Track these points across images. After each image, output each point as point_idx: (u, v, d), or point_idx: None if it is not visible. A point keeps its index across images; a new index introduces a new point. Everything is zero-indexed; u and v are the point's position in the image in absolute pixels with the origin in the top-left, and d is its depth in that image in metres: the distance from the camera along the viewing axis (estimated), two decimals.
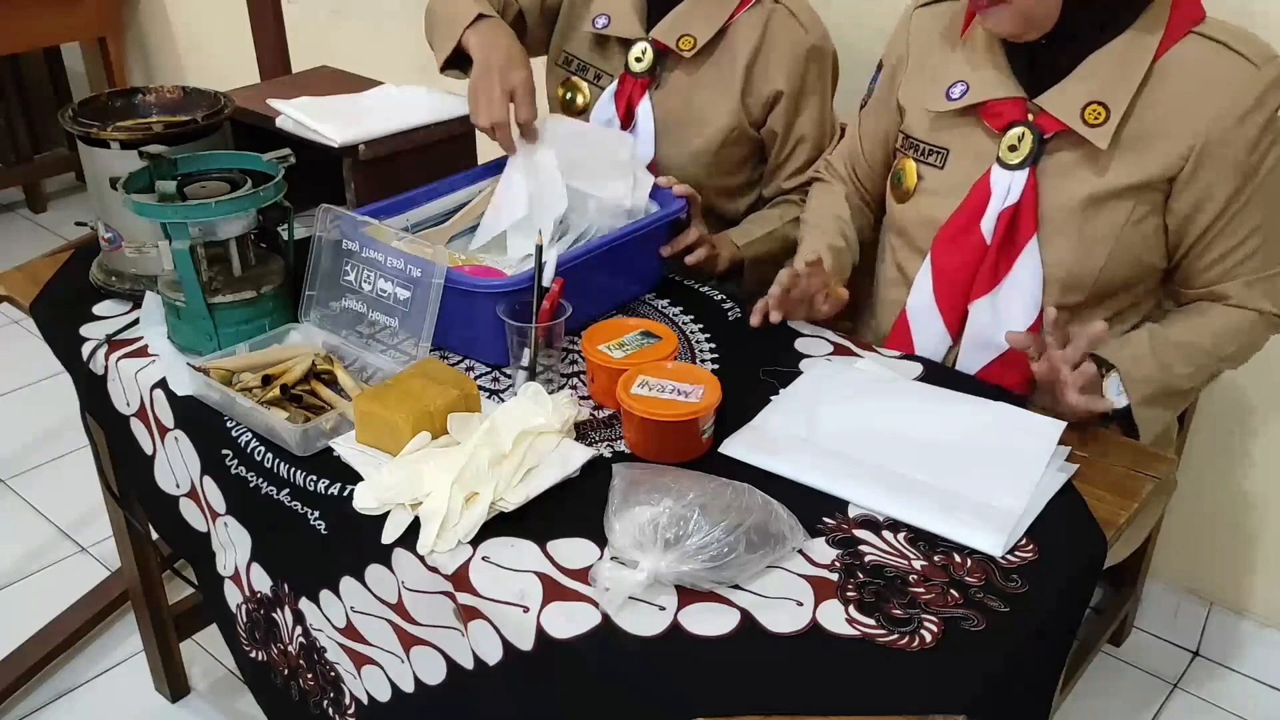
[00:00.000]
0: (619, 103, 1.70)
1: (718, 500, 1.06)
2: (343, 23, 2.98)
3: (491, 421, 1.17)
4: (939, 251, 1.44)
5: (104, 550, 2.23)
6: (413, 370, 1.25)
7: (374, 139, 1.54)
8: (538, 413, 1.19)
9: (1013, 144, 1.37)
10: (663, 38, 1.66)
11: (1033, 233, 1.37)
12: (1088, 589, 1.12)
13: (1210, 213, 1.33)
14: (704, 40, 1.64)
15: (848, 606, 1.01)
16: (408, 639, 1.17)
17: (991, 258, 1.39)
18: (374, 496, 1.13)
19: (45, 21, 3.37)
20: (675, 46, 1.65)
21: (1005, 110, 1.38)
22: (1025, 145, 1.36)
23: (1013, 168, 1.37)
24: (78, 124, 1.48)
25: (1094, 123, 1.32)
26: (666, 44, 1.66)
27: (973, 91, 1.40)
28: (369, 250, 1.35)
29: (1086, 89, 1.33)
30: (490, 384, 1.34)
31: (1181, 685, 1.95)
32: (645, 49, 1.68)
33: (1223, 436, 1.89)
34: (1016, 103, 1.38)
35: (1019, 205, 1.37)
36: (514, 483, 1.13)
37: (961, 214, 1.41)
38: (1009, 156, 1.38)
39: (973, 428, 1.23)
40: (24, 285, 1.59)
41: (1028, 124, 1.37)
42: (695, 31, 1.64)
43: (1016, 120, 1.38)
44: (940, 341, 1.47)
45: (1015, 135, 1.37)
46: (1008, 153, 1.38)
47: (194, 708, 1.91)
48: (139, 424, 1.42)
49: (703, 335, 1.44)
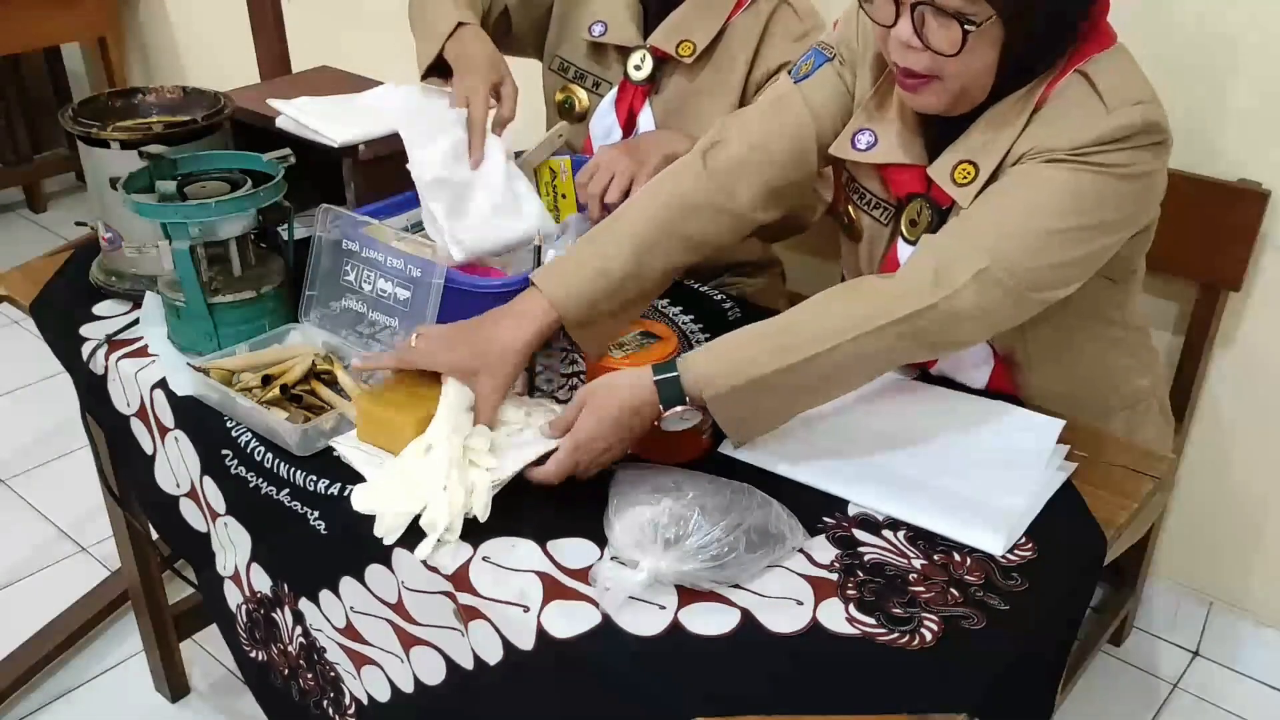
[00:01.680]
0: (620, 111, 1.69)
1: (718, 500, 1.06)
2: (343, 23, 2.98)
3: None
4: None
5: (104, 550, 2.23)
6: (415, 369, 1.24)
7: (374, 139, 1.54)
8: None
9: (912, 218, 1.29)
10: (661, 45, 1.63)
11: None
12: (1088, 588, 1.12)
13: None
14: (703, 45, 1.62)
15: (848, 606, 1.01)
16: (408, 639, 1.17)
17: None
18: (372, 504, 1.13)
19: (45, 21, 3.37)
20: (675, 53, 1.63)
21: (905, 179, 1.28)
22: (923, 221, 1.27)
23: (913, 243, 1.28)
24: (78, 124, 1.48)
25: (962, 182, 1.21)
26: (666, 51, 1.63)
27: (880, 148, 1.29)
28: (369, 250, 1.35)
29: (964, 150, 1.21)
30: None
31: (1181, 685, 1.95)
32: (644, 56, 1.66)
33: (1223, 436, 1.89)
34: (916, 171, 1.27)
35: None
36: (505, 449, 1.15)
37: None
38: (909, 231, 1.29)
39: (972, 427, 1.24)
40: (24, 285, 1.59)
41: (925, 198, 1.27)
42: (694, 37, 1.63)
43: (915, 193, 1.28)
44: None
45: (914, 209, 1.28)
46: (909, 227, 1.29)
47: (194, 708, 1.91)
48: (139, 424, 1.42)
49: (703, 335, 1.44)
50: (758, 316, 1.45)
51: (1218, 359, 1.81)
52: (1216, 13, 1.65)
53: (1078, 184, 1.15)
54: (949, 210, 1.25)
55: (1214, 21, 1.66)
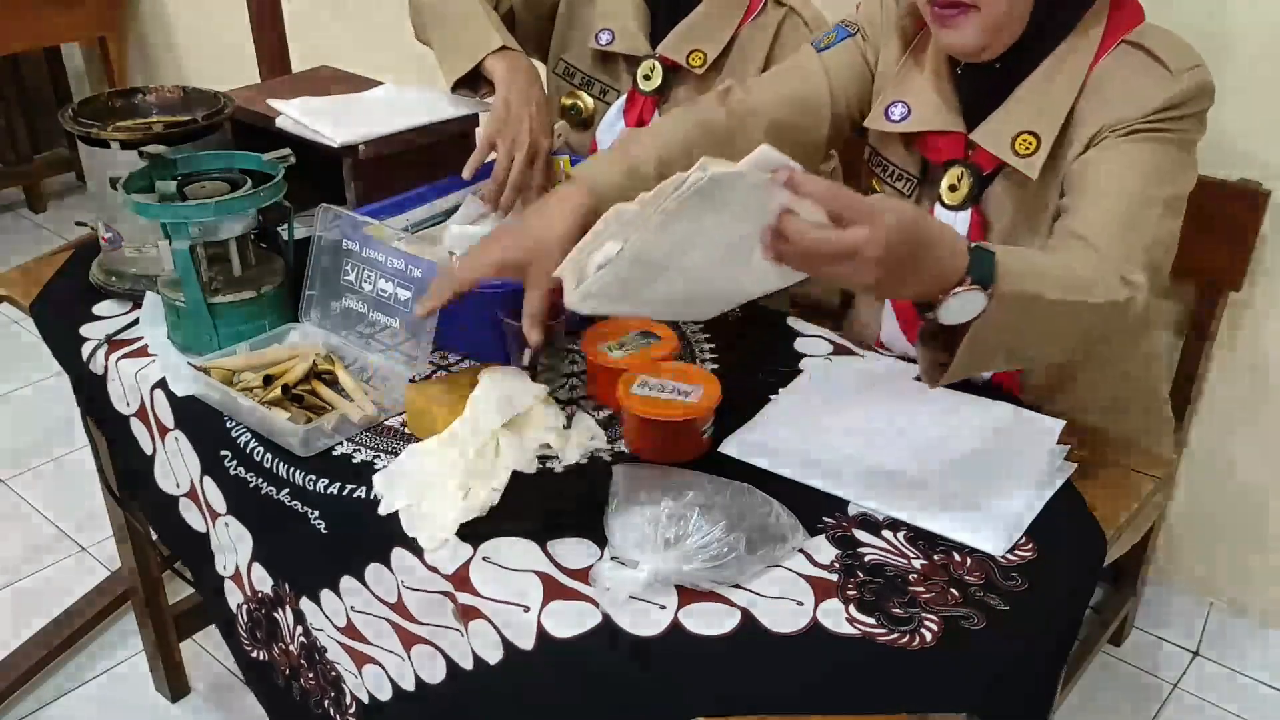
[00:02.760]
0: (629, 121, 1.67)
1: (718, 500, 1.06)
2: (343, 23, 2.98)
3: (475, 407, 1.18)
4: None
5: (104, 550, 2.23)
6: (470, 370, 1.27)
7: (374, 139, 1.54)
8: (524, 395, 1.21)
9: (952, 184, 1.31)
10: (671, 54, 1.61)
11: None
12: (1088, 588, 1.12)
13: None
14: (714, 55, 1.59)
15: (848, 606, 1.01)
16: (408, 638, 1.17)
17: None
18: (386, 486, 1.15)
19: (45, 21, 3.37)
20: (686, 63, 1.60)
21: (945, 146, 1.32)
22: (964, 186, 1.30)
23: (954, 209, 1.32)
24: (78, 124, 1.48)
25: (1024, 153, 1.25)
26: (676, 61, 1.61)
27: (915, 118, 1.32)
28: (369, 250, 1.35)
29: (1018, 119, 1.26)
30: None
31: (1181, 685, 1.95)
32: (654, 67, 1.63)
33: (1223, 436, 1.89)
34: (956, 138, 1.31)
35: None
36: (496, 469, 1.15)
37: None
38: (949, 197, 1.32)
39: (972, 427, 1.24)
40: (24, 285, 1.59)
41: (965, 163, 1.30)
42: (704, 46, 1.60)
43: (955, 159, 1.31)
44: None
45: (955, 175, 1.31)
46: (948, 193, 1.32)
47: (194, 708, 1.91)
48: (139, 424, 1.42)
49: (703, 335, 1.44)
50: (760, 316, 1.46)
51: (1218, 359, 1.81)
52: (1217, 12, 1.65)
53: (1163, 153, 1.20)
54: (992, 175, 1.29)
55: (1214, 21, 1.66)
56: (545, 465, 1.19)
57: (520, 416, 1.19)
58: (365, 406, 1.26)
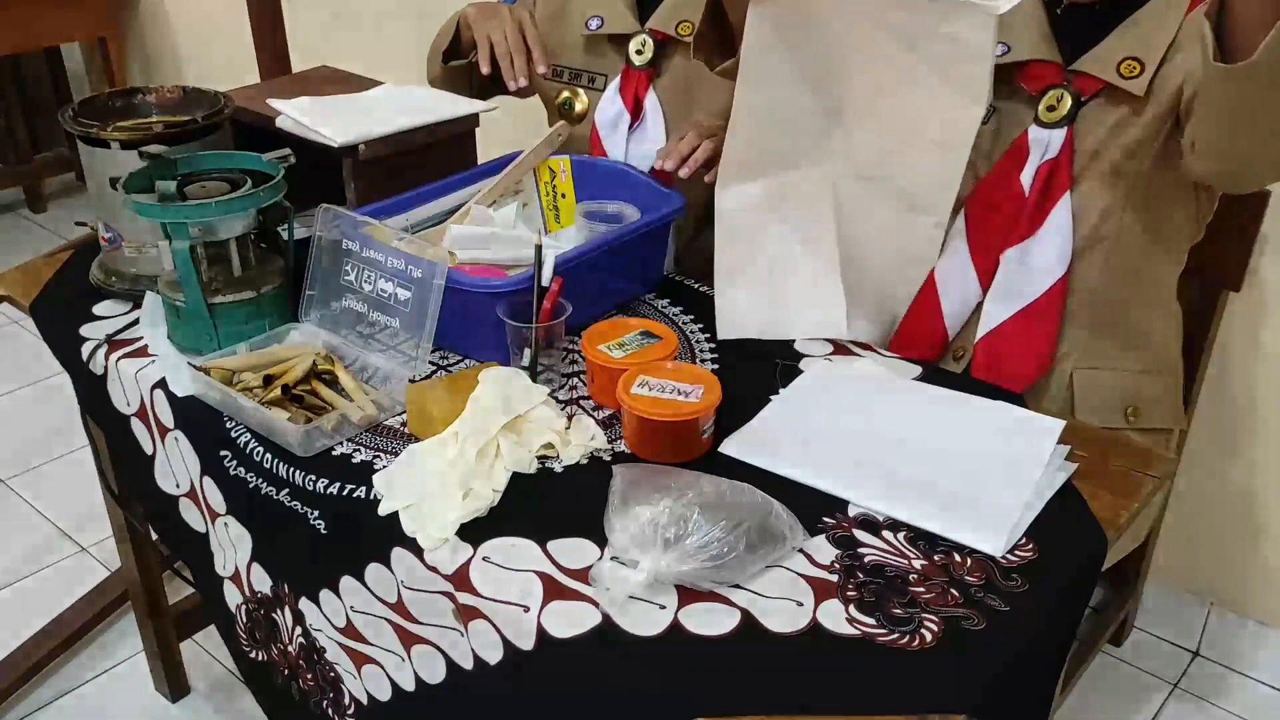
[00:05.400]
0: (625, 98, 1.69)
1: (718, 500, 1.06)
2: (343, 23, 2.98)
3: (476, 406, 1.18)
4: (976, 201, 1.48)
5: (104, 550, 2.23)
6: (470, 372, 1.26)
7: (374, 139, 1.54)
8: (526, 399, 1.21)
9: (1051, 104, 1.42)
10: (661, 27, 1.65)
11: (1068, 186, 1.41)
12: (1088, 588, 1.12)
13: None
14: (698, 21, 1.62)
15: (848, 606, 1.01)
16: (408, 638, 1.17)
17: (1029, 209, 1.43)
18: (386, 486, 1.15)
19: (45, 21, 3.37)
20: (675, 33, 1.65)
21: (1043, 73, 1.43)
22: (1064, 106, 1.41)
23: (1050, 126, 1.42)
24: (78, 124, 1.48)
25: (1129, 75, 1.36)
26: (666, 33, 1.65)
27: (1014, 52, 1.44)
28: (369, 250, 1.35)
29: (1122, 46, 1.37)
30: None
31: (1181, 685, 1.95)
32: (645, 41, 1.68)
33: (1223, 436, 1.89)
34: (1054, 66, 1.42)
35: (1056, 160, 1.41)
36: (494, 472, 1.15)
37: (1001, 167, 1.46)
38: (1047, 116, 1.42)
39: (972, 427, 1.24)
40: (24, 285, 1.59)
41: (1066, 86, 1.41)
42: (692, 16, 1.63)
43: (1054, 83, 1.42)
44: (972, 295, 1.49)
45: (1054, 96, 1.42)
46: (1046, 112, 1.42)
47: (194, 708, 1.91)
48: (139, 424, 1.42)
49: (703, 335, 1.44)
50: None
51: (1218, 359, 1.81)
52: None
53: None
54: (1091, 98, 1.40)
55: None
56: (545, 465, 1.19)
57: (520, 417, 1.19)
58: (365, 406, 1.26)
